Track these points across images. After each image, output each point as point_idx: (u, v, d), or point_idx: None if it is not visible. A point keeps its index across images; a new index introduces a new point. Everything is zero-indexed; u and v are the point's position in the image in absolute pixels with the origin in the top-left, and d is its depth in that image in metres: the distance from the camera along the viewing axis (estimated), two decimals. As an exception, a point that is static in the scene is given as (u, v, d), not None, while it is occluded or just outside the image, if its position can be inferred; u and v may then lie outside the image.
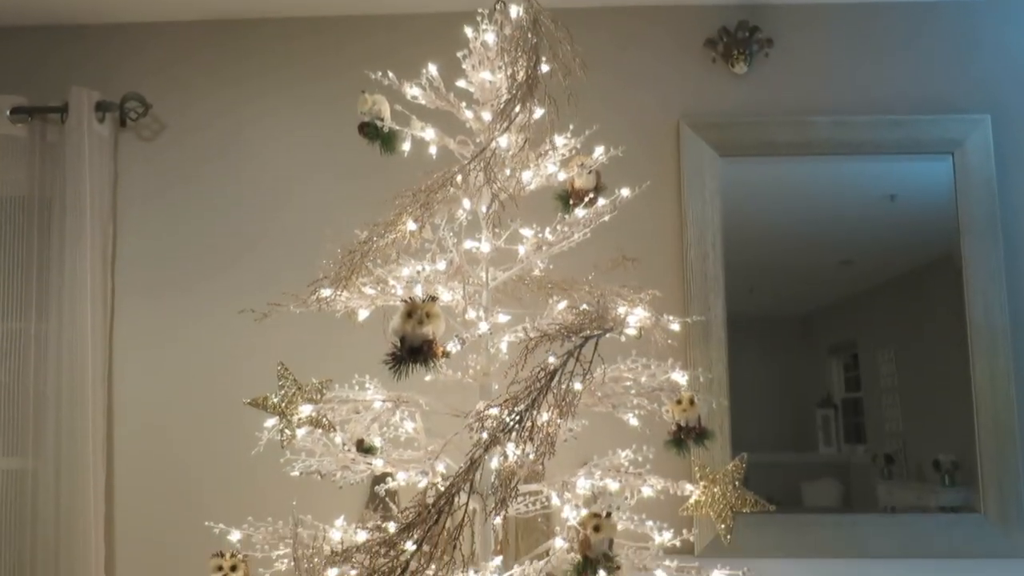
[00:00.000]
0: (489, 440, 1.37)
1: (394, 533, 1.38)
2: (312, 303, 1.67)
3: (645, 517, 1.77)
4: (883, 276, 2.62)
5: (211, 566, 1.64)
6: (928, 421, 2.54)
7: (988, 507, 2.42)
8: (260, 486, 2.42)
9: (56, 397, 2.49)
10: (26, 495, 2.50)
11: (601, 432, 1.91)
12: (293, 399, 1.60)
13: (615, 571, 1.48)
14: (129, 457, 2.60)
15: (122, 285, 2.66)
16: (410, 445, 1.88)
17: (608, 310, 1.58)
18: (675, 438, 1.74)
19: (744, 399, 2.49)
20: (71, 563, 2.45)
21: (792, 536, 2.41)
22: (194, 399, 2.60)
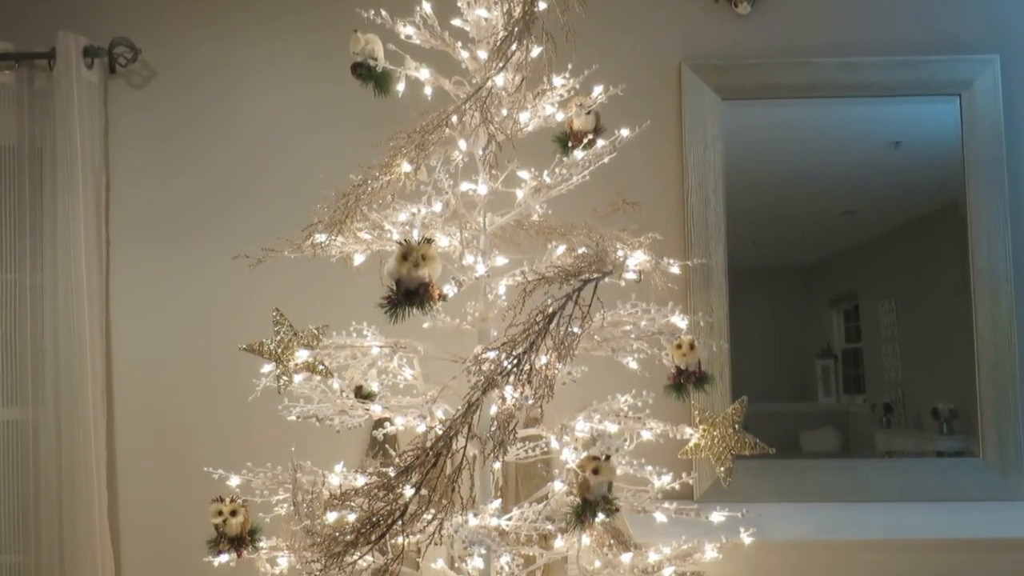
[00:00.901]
0: (487, 383, 1.36)
1: (392, 477, 1.38)
2: (307, 248, 1.65)
3: (644, 462, 1.78)
4: (885, 226, 2.59)
5: (211, 511, 1.64)
6: (927, 371, 2.53)
7: (987, 452, 2.43)
8: (258, 433, 2.43)
9: (54, 348, 2.49)
10: (27, 445, 2.51)
11: (600, 378, 1.90)
12: (289, 345, 1.59)
13: (614, 513, 1.48)
14: (129, 406, 2.60)
15: (117, 236, 2.63)
16: (408, 392, 1.88)
17: (607, 253, 1.56)
18: (675, 383, 1.74)
19: (744, 349, 2.48)
20: (74, 510, 2.46)
21: (791, 481, 2.42)
22: (191, 348, 2.59)
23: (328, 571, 1.45)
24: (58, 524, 2.47)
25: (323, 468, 1.72)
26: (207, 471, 1.73)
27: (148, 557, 2.58)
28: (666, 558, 1.72)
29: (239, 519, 1.64)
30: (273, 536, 1.72)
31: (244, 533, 1.65)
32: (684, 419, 1.87)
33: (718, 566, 1.79)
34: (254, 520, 1.68)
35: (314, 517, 1.48)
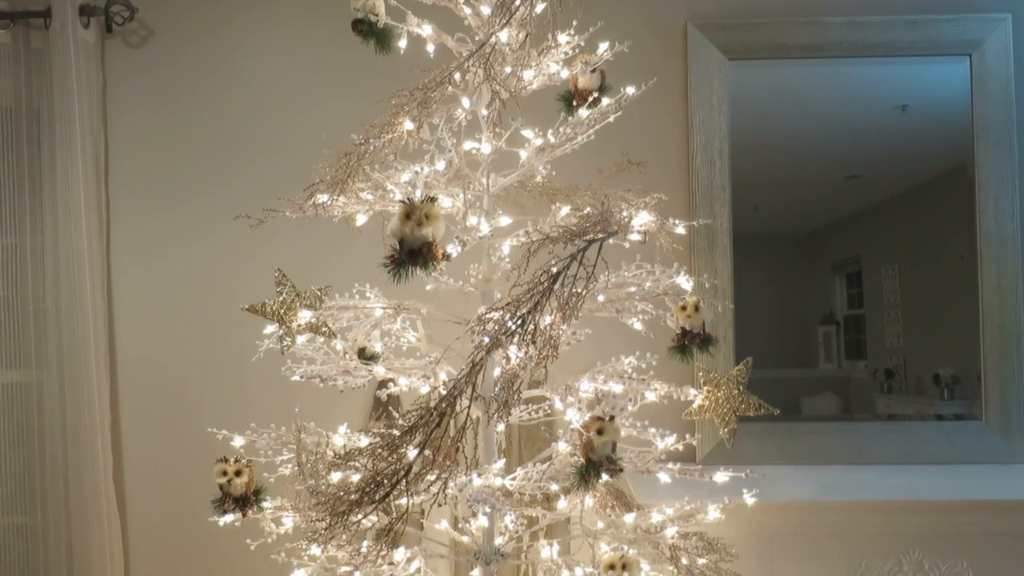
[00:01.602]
0: (491, 343, 1.35)
1: (396, 437, 1.37)
2: (309, 209, 1.63)
3: (647, 424, 1.78)
4: (891, 191, 2.57)
5: (216, 471, 1.64)
6: (930, 337, 2.53)
7: (989, 414, 2.43)
8: (261, 396, 2.44)
9: (56, 310, 2.48)
10: (32, 407, 2.52)
11: (604, 340, 1.90)
12: (292, 305, 1.58)
13: (618, 473, 1.48)
14: (131, 368, 2.60)
15: (117, 197, 2.61)
16: (412, 354, 1.87)
17: (612, 213, 1.54)
18: (679, 345, 1.73)
19: (746, 315, 2.47)
20: (79, 472, 2.48)
21: (792, 444, 2.43)
22: (193, 311, 2.59)
23: (333, 530, 1.46)
24: (64, 486, 2.49)
25: (326, 430, 1.73)
26: (211, 431, 1.73)
27: (153, 518, 2.61)
28: (669, 518, 1.73)
29: (243, 479, 1.64)
30: (278, 496, 1.73)
31: (249, 493, 1.66)
32: (688, 381, 1.87)
33: (721, 527, 1.80)
34: (258, 480, 1.68)
35: (318, 477, 1.48)
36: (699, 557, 1.70)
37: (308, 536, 1.50)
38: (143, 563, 2.62)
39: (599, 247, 1.46)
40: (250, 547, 1.71)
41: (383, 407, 2.24)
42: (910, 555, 2.11)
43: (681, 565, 1.69)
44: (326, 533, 1.46)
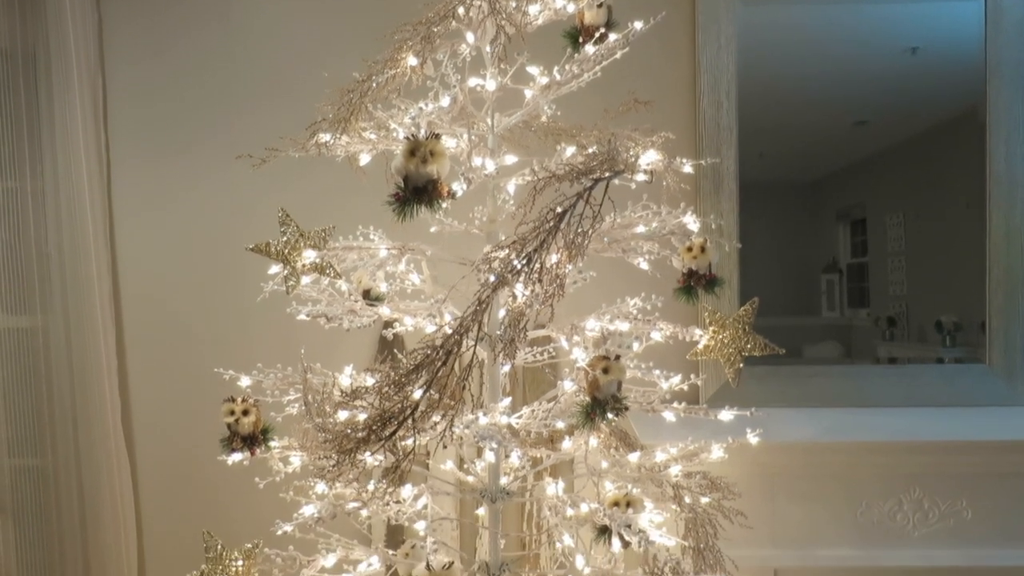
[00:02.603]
0: (497, 281, 1.34)
1: (403, 374, 1.38)
2: (311, 148, 1.61)
3: (652, 365, 1.78)
4: (898, 137, 2.53)
5: (223, 410, 1.65)
6: (933, 284, 2.52)
7: (993, 358, 2.43)
8: (266, 337, 2.45)
9: (59, 254, 2.48)
10: (38, 352, 2.53)
11: (609, 284, 1.89)
12: (296, 245, 1.57)
13: (623, 412, 1.48)
14: (136, 311, 2.61)
15: (116, 140, 2.59)
16: (416, 296, 1.87)
17: (619, 152, 1.52)
18: (685, 286, 1.72)
19: (749, 263, 2.46)
20: (87, 415, 2.50)
21: (795, 387, 2.44)
22: (197, 254, 2.58)
23: (340, 467, 1.47)
24: (72, 428, 2.52)
25: (332, 371, 1.73)
26: (217, 371, 1.74)
27: (162, 458, 2.64)
28: (672, 458, 1.74)
29: (251, 419, 1.65)
30: (285, 436, 1.74)
31: (256, 432, 1.67)
32: (693, 324, 1.87)
33: (723, 467, 1.82)
34: (266, 420, 1.70)
35: (325, 416, 1.49)
36: (702, 496, 1.72)
37: (315, 473, 1.52)
38: (153, 503, 2.66)
39: (606, 186, 1.44)
40: (258, 486, 1.73)
41: (388, 349, 2.25)
42: (910, 494, 2.13)
43: (684, 504, 1.70)
44: (333, 471, 1.47)
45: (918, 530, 2.13)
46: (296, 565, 1.66)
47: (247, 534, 1.71)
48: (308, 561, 1.67)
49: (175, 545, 2.58)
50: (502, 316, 1.51)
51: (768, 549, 2.12)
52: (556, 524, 1.60)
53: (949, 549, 2.12)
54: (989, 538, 2.12)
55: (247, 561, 1.63)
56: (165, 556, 2.66)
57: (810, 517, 2.14)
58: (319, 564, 1.67)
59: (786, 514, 2.14)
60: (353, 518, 1.86)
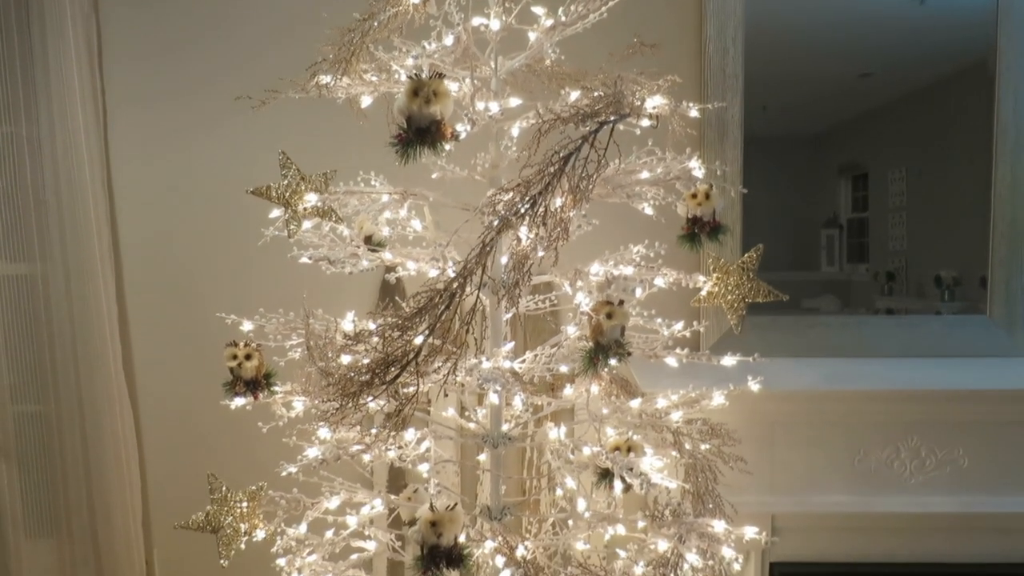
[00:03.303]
0: (502, 223, 1.33)
1: (406, 318, 1.37)
2: (312, 89, 1.58)
3: (655, 313, 1.78)
4: (903, 89, 2.49)
5: (226, 355, 1.65)
6: (933, 239, 2.51)
7: (994, 309, 2.44)
8: (268, 284, 2.44)
9: (56, 201, 2.45)
10: (38, 299, 2.53)
11: (612, 232, 1.87)
12: (297, 189, 1.55)
13: (626, 357, 1.48)
14: (136, 258, 2.60)
15: (112, 84, 2.55)
16: (418, 243, 1.86)
17: (624, 95, 1.49)
18: (688, 233, 1.70)
19: (750, 218, 2.45)
20: (89, 362, 2.51)
21: (796, 337, 2.44)
22: (197, 199, 2.57)
23: (343, 411, 1.47)
24: (75, 375, 2.52)
25: (334, 317, 1.73)
26: (219, 316, 1.74)
27: (165, 404, 2.65)
28: (673, 404, 1.75)
29: (253, 363, 1.65)
30: (288, 381, 1.74)
31: (259, 377, 1.67)
32: (696, 272, 1.86)
33: (724, 414, 1.82)
34: (268, 364, 1.70)
35: (328, 359, 1.49)
36: (702, 443, 1.73)
37: (318, 417, 1.52)
38: (156, 448, 2.68)
39: (611, 129, 1.42)
40: (262, 430, 1.74)
41: (390, 295, 2.24)
42: (908, 442, 2.15)
43: (684, 450, 1.72)
44: (337, 414, 1.48)
45: (915, 477, 2.16)
46: (300, 507, 1.67)
47: (250, 480, 1.72)
48: (312, 503, 1.68)
49: (178, 490, 2.61)
50: (505, 262, 1.51)
51: (766, 495, 2.14)
52: (558, 467, 1.61)
53: (945, 496, 2.14)
54: (985, 485, 2.14)
55: (251, 503, 1.64)
56: (169, 501, 2.69)
57: (808, 464, 2.16)
58: (323, 506, 1.68)
59: (785, 461, 2.16)
60: (356, 463, 1.87)
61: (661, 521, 1.63)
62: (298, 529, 1.73)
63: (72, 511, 2.60)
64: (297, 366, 1.71)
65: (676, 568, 1.55)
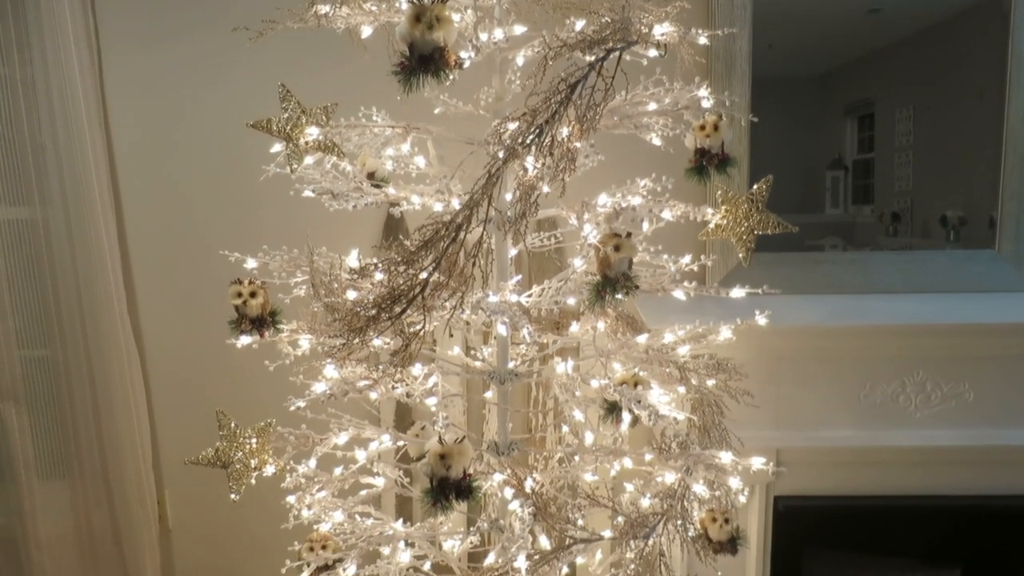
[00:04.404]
0: (508, 153, 1.31)
1: (411, 251, 1.36)
2: (310, 19, 1.54)
3: (661, 249, 1.76)
4: (913, 26, 2.43)
5: (230, 293, 1.64)
6: (940, 179, 2.47)
7: (1002, 244, 2.41)
8: (270, 221, 2.43)
9: (54, 144, 2.42)
10: (39, 243, 2.51)
11: (618, 168, 1.84)
12: (298, 122, 1.52)
13: (633, 291, 1.47)
14: (137, 199, 2.58)
15: (105, 25, 2.49)
16: (422, 180, 1.83)
17: (631, 22, 1.45)
18: (696, 166, 1.67)
19: (754, 160, 2.41)
20: (93, 305, 2.51)
21: (803, 274, 2.43)
22: (196, 138, 2.53)
23: (350, 346, 1.47)
24: (80, 319, 2.52)
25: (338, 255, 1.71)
26: (223, 254, 1.72)
27: (171, 346, 2.66)
28: (680, 339, 1.74)
29: (259, 300, 1.64)
30: (293, 320, 1.74)
31: (265, 314, 1.66)
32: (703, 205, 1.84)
33: (730, 349, 1.81)
34: (273, 302, 1.69)
35: (334, 294, 1.48)
36: (708, 378, 1.73)
37: (325, 353, 1.52)
38: (164, 390, 2.70)
39: (618, 57, 1.39)
40: (268, 368, 1.74)
41: (394, 235, 2.22)
42: (913, 377, 2.16)
43: (691, 385, 1.72)
44: (343, 350, 1.47)
45: (920, 411, 2.16)
46: (309, 443, 1.68)
47: (258, 419, 1.72)
48: (320, 439, 1.69)
49: (187, 432, 2.62)
50: (510, 199, 1.48)
51: (772, 431, 2.15)
52: (565, 400, 1.62)
53: (950, 429, 2.15)
54: (990, 419, 2.15)
55: (260, 439, 1.65)
56: (178, 440, 2.71)
57: (814, 399, 2.17)
58: (331, 442, 1.69)
59: (791, 397, 2.17)
60: (363, 401, 1.88)
61: (668, 454, 1.64)
62: (307, 465, 1.74)
63: (83, 454, 2.62)
64: (302, 304, 1.70)
65: (683, 499, 1.57)
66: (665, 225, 1.67)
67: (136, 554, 2.68)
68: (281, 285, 1.71)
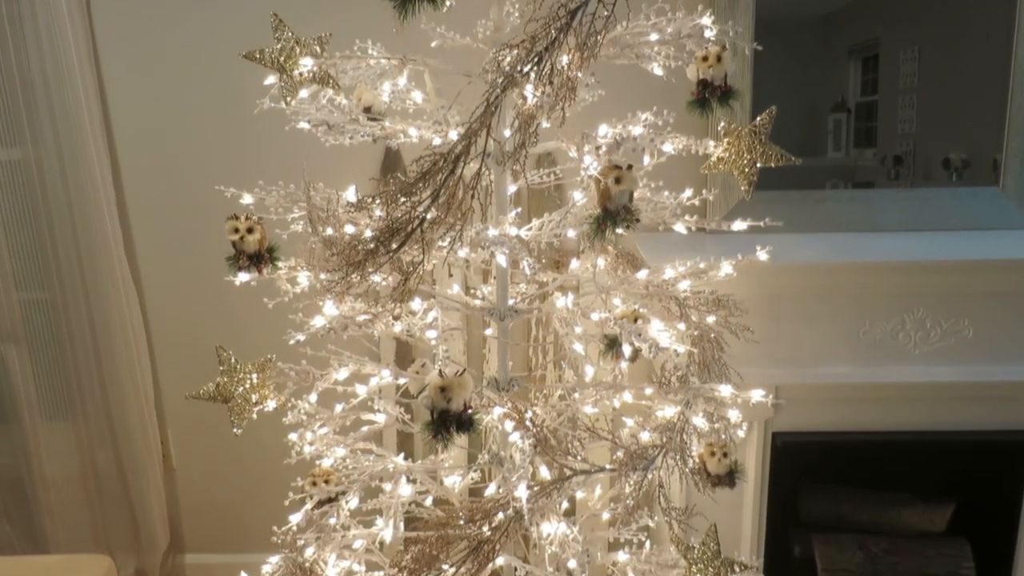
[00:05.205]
0: (506, 80, 1.28)
1: (410, 182, 1.34)
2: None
3: (662, 185, 1.74)
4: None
5: (227, 228, 1.61)
6: (944, 121, 2.43)
7: (1007, 182, 2.39)
8: (266, 157, 2.41)
9: (43, 81, 2.38)
10: (33, 184, 2.49)
11: (618, 102, 1.81)
12: (292, 53, 1.48)
13: (634, 225, 1.45)
14: (129, 139, 2.55)
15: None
16: (419, 116, 1.80)
17: (634, -54, 1.41)
18: (699, 98, 1.64)
19: (757, 93, 2.36)
20: (91, 248, 2.50)
21: (804, 212, 2.41)
22: (188, 70, 2.49)
23: (348, 281, 1.46)
24: (77, 261, 2.51)
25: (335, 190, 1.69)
26: (219, 190, 1.70)
27: (170, 285, 2.66)
28: (680, 275, 1.73)
29: (256, 236, 1.62)
30: (291, 256, 1.72)
31: (262, 250, 1.64)
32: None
33: (730, 286, 1.81)
34: (271, 238, 1.67)
35: (333, 222, 1.47)
36: (708, 314, 1.73)
37: (324, 288, 1.51)
38: (163, 331, 2.70)
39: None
40: (268, 306, 1.73)
41: (392, 173, 2.20)
42: (913, 314, 2.16)
43: (691, 321, 1.71)
44: (341, 284, 1.47)
45: (919, 348, 2.17)
46: (310, 379, 1.68)
47: (257, 357, 1.72)
48: (321, 375, 1.69)
49: (188, 370, 2.63)
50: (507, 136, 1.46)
51: (771, 367, 2.16)
52: (565, 333, 1.61)
53: (949, 366, 2.16)
54: (989, 356, 2.16)
55: (261, 374, 1.65)
56: (179, 381, 2.73)
57: (813, 336, 2.17)
58: (332, 377, 1.69)
59: (790, 334, 2.17)
60: (363, 339, 1.88)
61: (668, 388, 1.65)
62: (308, 402, 1.75)
63: (85, 394, 2.64)
64: (299, 240, 1.68)
65: (682, 432, 1.58)
66: (666, 160, 1.65)
67: (141, 492, 2.72)
68: (278, 221, 1.69)
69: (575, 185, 1.56)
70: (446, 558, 1.55)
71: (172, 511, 2.87)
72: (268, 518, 1.83)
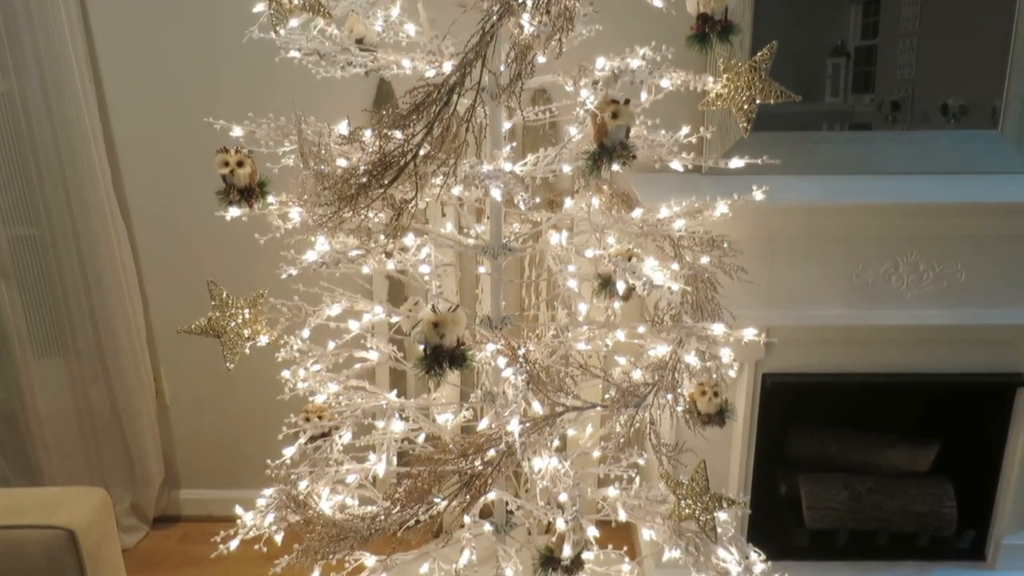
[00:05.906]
0: (502, 8, 1.24)
1: (404, 114, 1.31)
2: None
3: (659, 123, 1.71)
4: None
5: (217, 161, 1.59)
6: (944, 66, 2.38)
7: (1006, 125, 2.36)
8: (255, 87, 2.36)
9: (25, 10, 2.30)
10: (18, 116, 2.43)
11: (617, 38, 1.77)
12: (281, -21, 1.43)
13: (630, 161, 1.43)
14: (116, 69, 2.48)
15: None
16: (412, 50, 1.76)
17: None
18: (698, 33, 1.60)
19: (757, 30, 2.31)
20: (77, 181, 2.46)
21: (801, 154, 2.38)
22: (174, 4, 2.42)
23: (340, 215, 1.44)
24: (65, 197, 2.48)
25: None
26: (207, 121, 1.67)
27: (159, 220, 2.63)
28: (676, 214, 1.72)
29: (246, 170, 1.59)
30: (282, 192, 1.70)
31: (253, 184, 1.61)
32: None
33: (724, 227, 1.80)
34: (262, 172, 1.64)
35: (324, 162, 1.44)
36: (703, 255, 1.72)
37: (315, 223, 1.49)
38: (154, 267, 2.68)
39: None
40: (259, 242, 1.71)
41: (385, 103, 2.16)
42: (907, 257, 2.16)
43: (685, 261, 1.71)
44: (334, 219, 1.45)
45: (911, 291, 2.17)
46: (302, 314, 1.68)
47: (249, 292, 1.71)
48: (314, 311, 1.69)
49: (179, 306, 2.61)
50: (503, 69, 1.43)
51: (763, 308, 2.17)
52: (559, 270, 1.61)
53: (941, 309, 2.17)
54: (981, 299, 2.17)
55: (253, 309, 1.65)
56: (170, 317, 2.72)
57: (807, 278, 2.18)
58: (324, 313, 1.69)
59: (783, 275, 2.17)
60: (356, 276, 1.87)
61: (661, 326, 1.65)
62: (301, 339, 1.75)
63: (77, 330, 2.64)
64: (291, 175, 1.65)
65: (674, 371, 1.58)
66: (663, 98, 1.62)
67: (135, 428, 2.74)
68: (269, 155, 1.66)
69: (570, 122, 1.53)
70: (438, 492, 1.56)
71: (166, 446, 2.89)
72: (262, 454, 1.84)
